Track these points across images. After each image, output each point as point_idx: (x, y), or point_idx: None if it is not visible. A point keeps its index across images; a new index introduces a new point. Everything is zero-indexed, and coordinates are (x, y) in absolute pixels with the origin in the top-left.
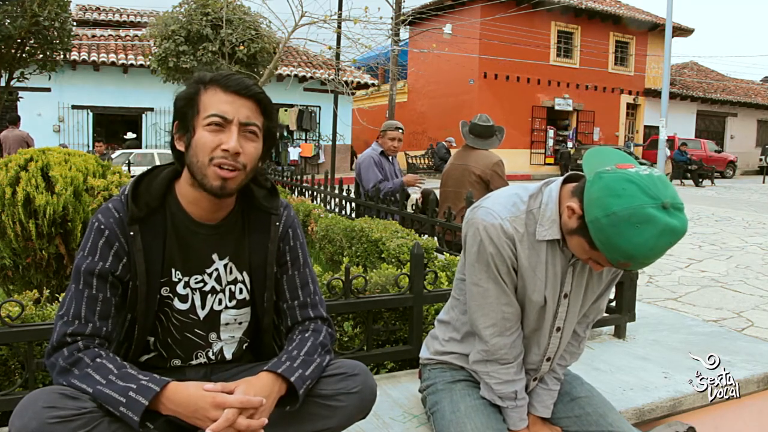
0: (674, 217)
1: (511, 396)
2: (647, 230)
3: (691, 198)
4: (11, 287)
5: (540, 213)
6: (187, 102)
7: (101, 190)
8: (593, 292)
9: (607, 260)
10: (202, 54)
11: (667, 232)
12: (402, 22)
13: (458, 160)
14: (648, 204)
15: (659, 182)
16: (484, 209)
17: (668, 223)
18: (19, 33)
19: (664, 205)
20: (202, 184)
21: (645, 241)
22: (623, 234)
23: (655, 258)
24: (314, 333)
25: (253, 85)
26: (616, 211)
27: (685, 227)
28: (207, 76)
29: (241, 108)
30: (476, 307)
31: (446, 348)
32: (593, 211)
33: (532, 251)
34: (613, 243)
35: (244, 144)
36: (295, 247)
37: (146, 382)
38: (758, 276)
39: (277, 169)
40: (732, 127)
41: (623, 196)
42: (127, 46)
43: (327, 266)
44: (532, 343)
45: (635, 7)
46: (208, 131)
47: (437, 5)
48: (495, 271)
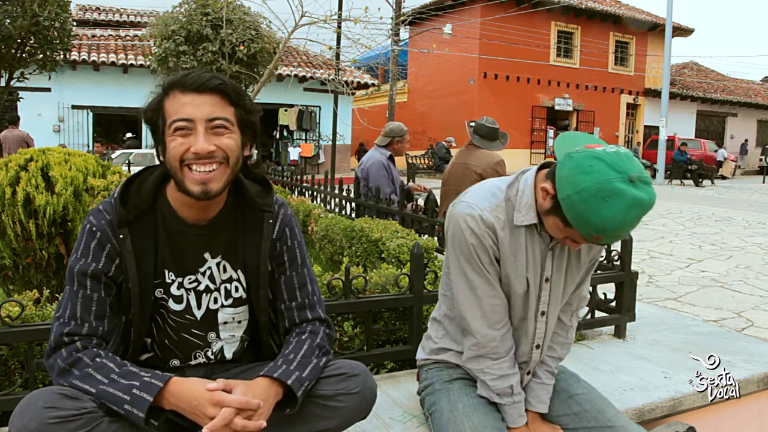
0: (641, 189)
1: (507, 392)
2: (615, 203)
3: (691, 198)
4: (11, 287)
5: (517, 199)
6: (154, 113)
7: (101, 190)
8: (572, 276)
9: (581, 236)
10: (202, 54)
11: (635, 204)
12: (402, 22)
13: (460, 159)
14: (615, 178)
15: (626, 158)
16: (464, 203)
17: (635, 196)
18: (19, 33)
19: (631, 179)
20: (184, 190)
21: (614, 214)
22: (593, 208)
23: (625, 230)
24: (311, 335)
25: (211, 78)
26: (585, 187)
27: (653, 199)
28: (167, 81)
29: (203, 105)
30: (463, 299)
31: (440, 345)
32: (564, 188)
33: (512, 237)
34: (585, 218)
35: (216, 139)
36: (292, 247)
37: (149, 378)
38: (758, 276)
39: (277, 169)
40: (732, 127)
41: (591, 172)
42: (127, 46)
43: (327, 266)
44: (521, 334)
45: (635, 7)
46: (176, 137)
47: (437, 5)
48: (479, 263)
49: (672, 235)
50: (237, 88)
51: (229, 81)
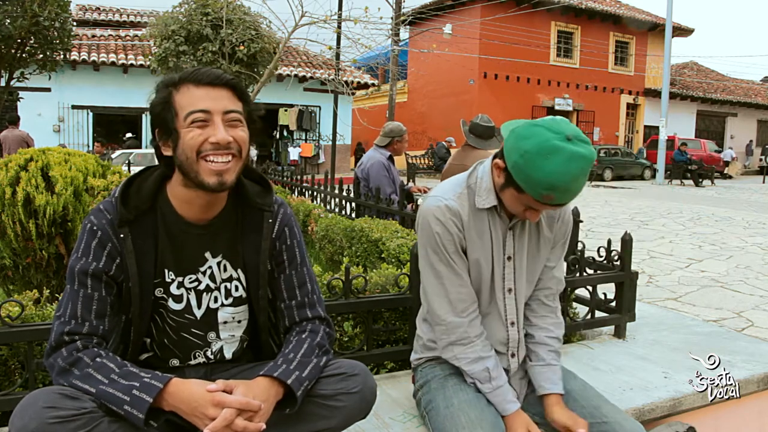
0: (578, 146)
1: (485, 375)
2: (556, 158)
3: (691, 198)
4: (11, 287)
5: (477, 185)
6: (163, 107)
7: (101, 190)
8: (533, 254)
9: (535, 200)
10: (202, 54)
11: (575, 157)
12: (402, 22)
13: (456, 160)
14: (552, 138)
15: (562, 122)
16: (431, 197)
17: (573, 150)
18: (19, 33)
19: (568, 137)
20: (198, 182)
21: (557, 167)
22: (537, 166)
23: (572, 185)
24: (311, 334)
25: (223, 74)
26: (527, 149)
27: (592, 154)
28: (175, 76)
29: (219, 98)
30: (430, 289)
31: (429, 338)
32: (511, 156)
33: (476, 221)
34: (532, 178)
35: (232, 131)
36: (291, 246)
37: (149, 379)
38: (758, 276)
39: (277, 169)
40: (732, 127)
41: (531, 136)
42: (127, 46)
43: (327, 266)
44: (493, 314)
45: (635, 7)
46: (193, 128)
47: (437, 5)
48: (444, 253)
49: (672, 235)
50: (243, 86)
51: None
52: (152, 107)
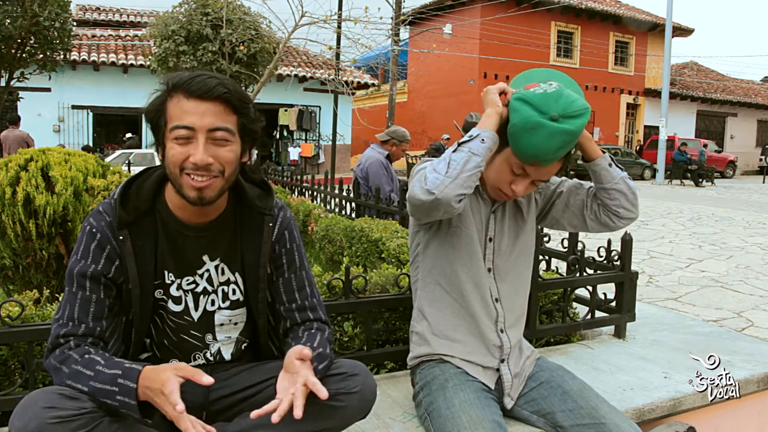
0: (563, 123)
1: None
2: (540, 133)
3: (691, 198)
4: (11, 287)
5: None
6: (156, 113)
7: (101, 190)
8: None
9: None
10: (202, 54)
11: (558, 133)
12: (402, 22)
13: None
14: (536, 116)
15: (551, 99)
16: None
17: (556, 127)
18: (19, 33)
19: (552, 118)
20: (181, 194)
21: (541, 141)
22: (524, 137)
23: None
24: (319, 330)
25: (217, 86)
26: (514, 123)
27: (578, 128)
28: (172, 80)
29: (206, 114)
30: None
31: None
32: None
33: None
34: (519, 146)
35: (216, 151)
36: (291, 249)
37: (129, 364)
38: (758, 276)
39: (277, 169)
40: (732, 127)
41: (518, 111)
42: (127, 46)
43: (327, 266)
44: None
45: (635, 7)
46: (176, 144)
47: (437, 5)
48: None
49: (672, 235)
50: (242, 96)
51: (234, 88)
52: (146, 113)
